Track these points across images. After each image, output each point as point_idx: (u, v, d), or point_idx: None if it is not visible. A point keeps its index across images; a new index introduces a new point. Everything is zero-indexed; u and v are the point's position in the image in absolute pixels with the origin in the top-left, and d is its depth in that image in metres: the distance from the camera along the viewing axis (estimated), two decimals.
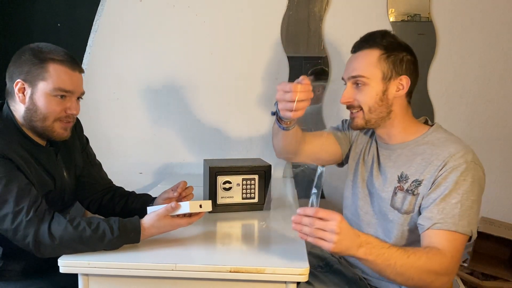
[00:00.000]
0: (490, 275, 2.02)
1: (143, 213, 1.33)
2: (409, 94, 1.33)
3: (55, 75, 1.29)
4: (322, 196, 2.33)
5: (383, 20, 2.19)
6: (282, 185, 2.13)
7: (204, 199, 1.67)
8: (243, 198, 1.65)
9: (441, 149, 1.24)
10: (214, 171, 1.62)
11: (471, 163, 1.19)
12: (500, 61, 2.21)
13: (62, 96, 1.31)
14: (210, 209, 1.30)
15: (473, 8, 2.18)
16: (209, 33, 2.26)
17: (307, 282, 1.22)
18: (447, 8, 2.19)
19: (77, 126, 1.54)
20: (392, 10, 2.23)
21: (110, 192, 1.57)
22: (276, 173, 2.27)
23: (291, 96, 1.17)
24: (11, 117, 1.32)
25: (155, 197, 1.52)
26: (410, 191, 1.27)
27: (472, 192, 1.18)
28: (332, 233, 1.04)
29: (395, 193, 1.30)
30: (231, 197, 1.64)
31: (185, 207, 1.25)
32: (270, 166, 1.68)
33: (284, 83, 1.21)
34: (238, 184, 1.64)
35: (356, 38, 1.36)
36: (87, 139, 1.60)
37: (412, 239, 1.27)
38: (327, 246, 1.05)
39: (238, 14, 2.24)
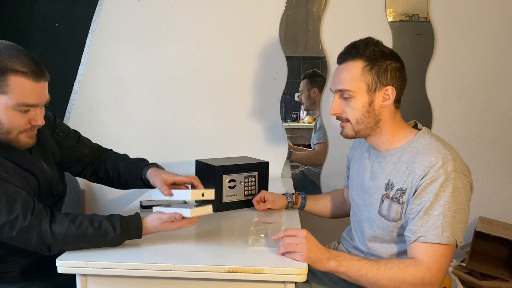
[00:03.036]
0: (488, 274, 2.02)
1: (138, 184, 1.47)
2: (398, 100, 1.33)
3: (17, 89, 1.17)
4: None
5: (381, 20, 2.19)
6: (280, 185, 2.13)
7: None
8: (245, 196, 1.69)
9: (423, 158, 1.24)
10: (220, 171, 1.63)
11: (452, 173, 1.19)
12: (498, 61, 2.21)
13: (26, 110, 1.21)
14: (213, 198, 1.32)
15: (471, 8, 2.19)
16: (207, 33, 2.26)
17: (306, 281, 1.22)
18: (446, 8, 2.19)
19: None
20: (390, 10, 2.23)
21: (102, 163, 1.55)
22: (275, 173, 2.27)
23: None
24: None
25: (147, 165, 1.47)
26: (395, 199, 1.28)
27: (454, 202, 1.18)
28: (302, 243, 1.18)
29: (382, 201, 1.32)
30: (235, 195, 1.67)
31: (187, 195, 1.26)
32: (267, 163, 1.75)
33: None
34: (241, 182, 1.67)
35: (355, 38, 1.35)
36: (54, 115, 1.51)
37: (404, 246, 1.28)
38: (300, 256, 1.18)
39: (237, 14, 2.24)
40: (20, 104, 1.19)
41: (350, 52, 1.31)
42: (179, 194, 1.30)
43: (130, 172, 1.49)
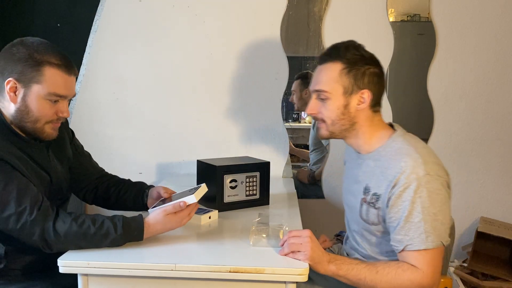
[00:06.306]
0: (489, 275, 2.02)
1: (137, 202, 1.51)
2: (376, 104, 1.33)
3: (50, 79, 1.26)
4: (322, 197, 2.34)
5: (383, 20, 2.19)
6: (281, 185, 2.13)
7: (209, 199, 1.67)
8: (246, 195, 1.69)
9: (393, 163, 1.24)
10: (221, 171, 1.64)
11: (424, 177, 1.19)
12: (499, 62, 2.21)
13: (55, 101, 1.29)
14: (206, 189, 1.35)
15: (473, 8, 2.18)
16: (208, 33, 2.26)
17: (307, 282, 1.23)
18: (447, 8, 2.19)
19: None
20: (391, 10, 2.23)
21: (105, 182, 1.59)
22: (276, 173, 2.27)
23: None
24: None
25: (150, 185, 1.56)
26: (371, 204, 1.29)
27: (432, 205, 1.19)
28: (306, 242, 1.19)
29: (361, 204, 1.33)
30: (236, 195, 1.67)
31: (192, 200, 1.28)
32: (269, 163, 1.75)
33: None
34: (242, 182, 1.68)
35: (355, 38, 1.36)
36: (72, 132, 1.59)
37: (390, 247, 1.27)
38: (303, 256, 1.18)
39: (238, 14, 2.24)
40: (52, 93, 1.27)
41: (330, 54, 1.33)
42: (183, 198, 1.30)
43: (133, 189, 1.56)
